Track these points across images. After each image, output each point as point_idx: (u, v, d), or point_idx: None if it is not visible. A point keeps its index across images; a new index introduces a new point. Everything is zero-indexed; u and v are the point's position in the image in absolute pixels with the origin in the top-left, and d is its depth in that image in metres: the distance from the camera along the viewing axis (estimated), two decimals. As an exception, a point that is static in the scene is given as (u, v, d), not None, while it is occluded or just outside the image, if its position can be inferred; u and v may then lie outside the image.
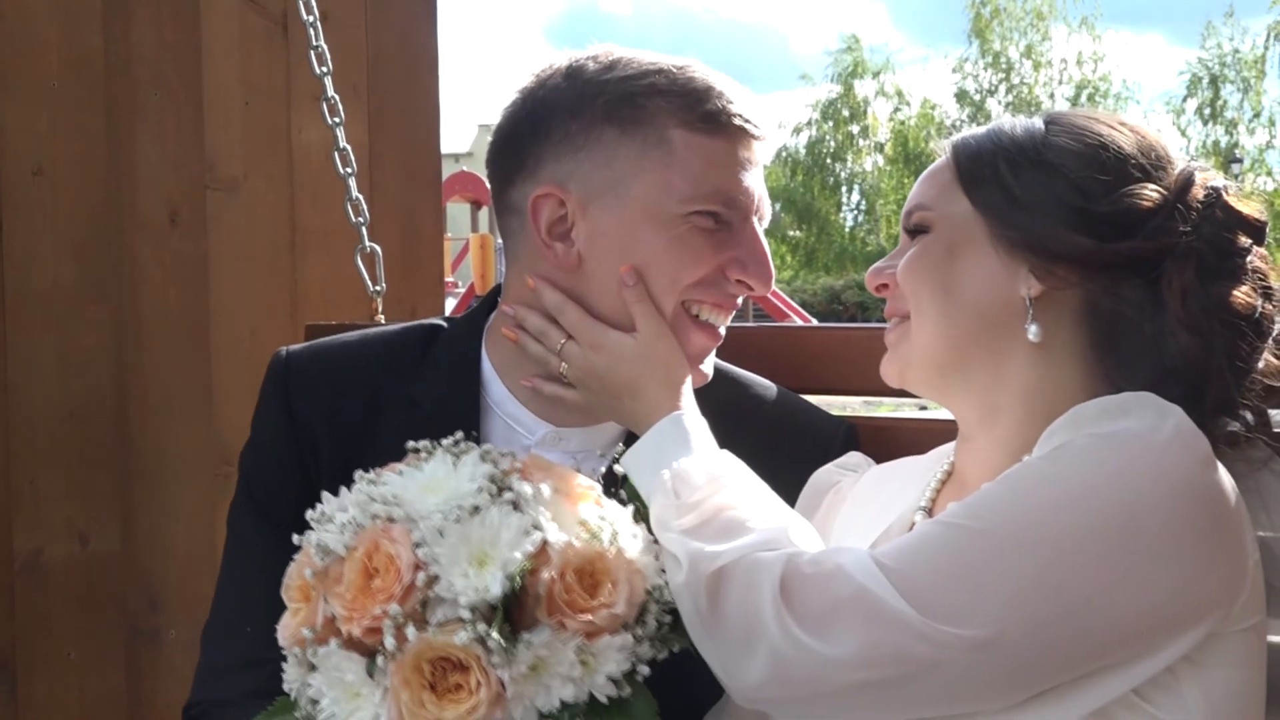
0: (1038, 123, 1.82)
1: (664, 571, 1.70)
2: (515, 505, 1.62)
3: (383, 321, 2.99)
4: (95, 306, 3.13)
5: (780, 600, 1.58)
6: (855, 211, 50.84)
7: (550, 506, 1.63)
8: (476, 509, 1.60)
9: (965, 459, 1.89)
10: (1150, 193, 1.74)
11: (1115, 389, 1.72)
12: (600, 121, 1.96)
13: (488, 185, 2.14)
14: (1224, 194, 1.78)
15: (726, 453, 1.82)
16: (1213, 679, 1.61)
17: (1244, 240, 1.78)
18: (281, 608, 1.72)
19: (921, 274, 1.82)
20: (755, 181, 2.00)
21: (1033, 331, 1.75)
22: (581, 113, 1.96)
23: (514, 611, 1.57)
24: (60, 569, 3.10)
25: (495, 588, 1.55)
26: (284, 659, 1.68)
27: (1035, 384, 1.78)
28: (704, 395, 2.01)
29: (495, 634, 1.53)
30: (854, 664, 1.55)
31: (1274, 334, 1.78)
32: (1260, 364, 1.77)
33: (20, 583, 3.08)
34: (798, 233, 50.22)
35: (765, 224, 2.04)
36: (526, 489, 1.63)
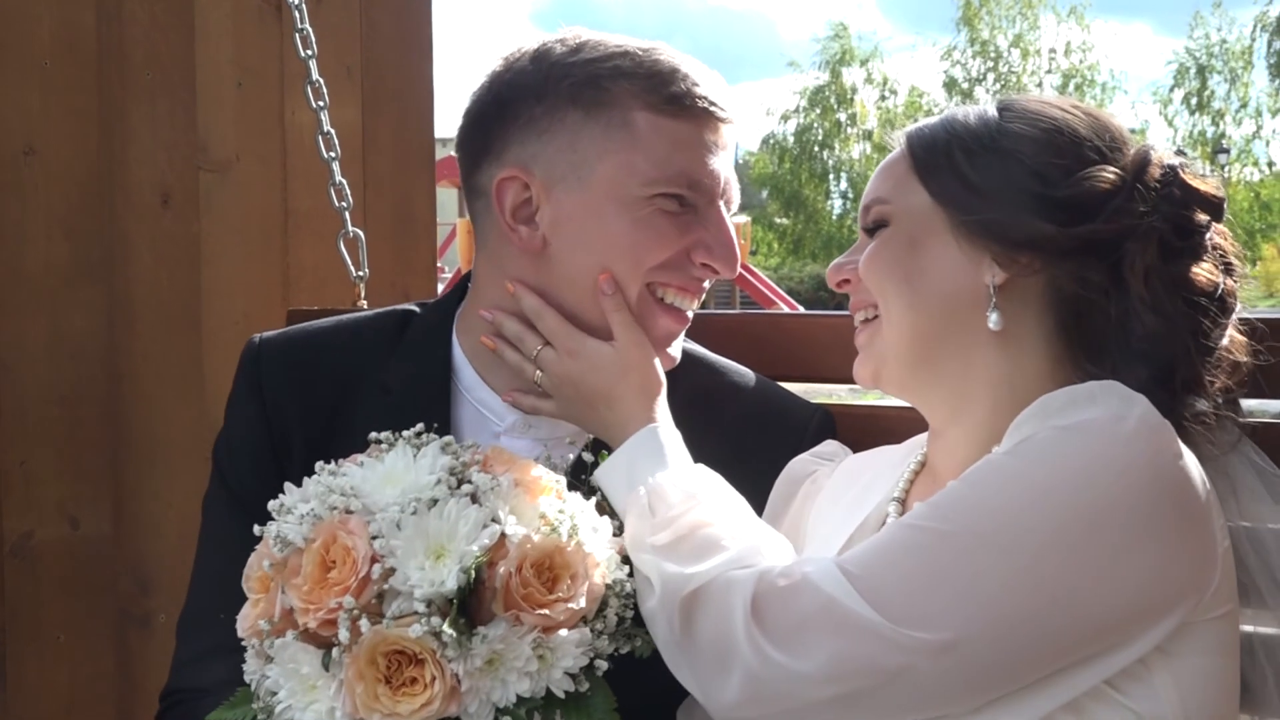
0: (991, 109, 1.82)
1: (625, 564, 1.70)
2: (474, 498, 1.61)
3: (365, 306, 2.97)
4: (86, 288, 3.11)
5: (751, 619, 1.58)
6: (843, 199, 50.89)
7: (509, 499, 1.62)
8: (435, 501, 1.59)
9: (937, 452, 1.88)
10: (1108, 174, 1.73)
11: (1083, 374, 1.71)
12: (565, 104, 1.95)
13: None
14: (1180, 172, 1.76)
15: (702, 467, 1.82)
16: (1184, 667, 1.60)
17: (1202, 217, 1.77)
18: None
19: (885, 268, 1.80)
20: (721, 164, 1.99)
21: (994, 320, 1.74)
22: (546, 95, 1.96)
23: (471, 605, 1.57)
24: (50, 552, 3.09)
25: (450, 581, 1.54)
26: None
27: (1004, 373, 1.77)
28: (680, 381, 2.00)
29: (449, 628, 1.52)
30: (825, 678, 1.55)
31: (1236, 309, 1.78)
32: (1224, 340, 1.76)
33: (10, 565, 3.06)
34: (785, 220, 50.29)
35: (733, 208, 2.03)
36: (485, 481, 1.62)
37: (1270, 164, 48.50)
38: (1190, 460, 1.62)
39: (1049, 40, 49.41)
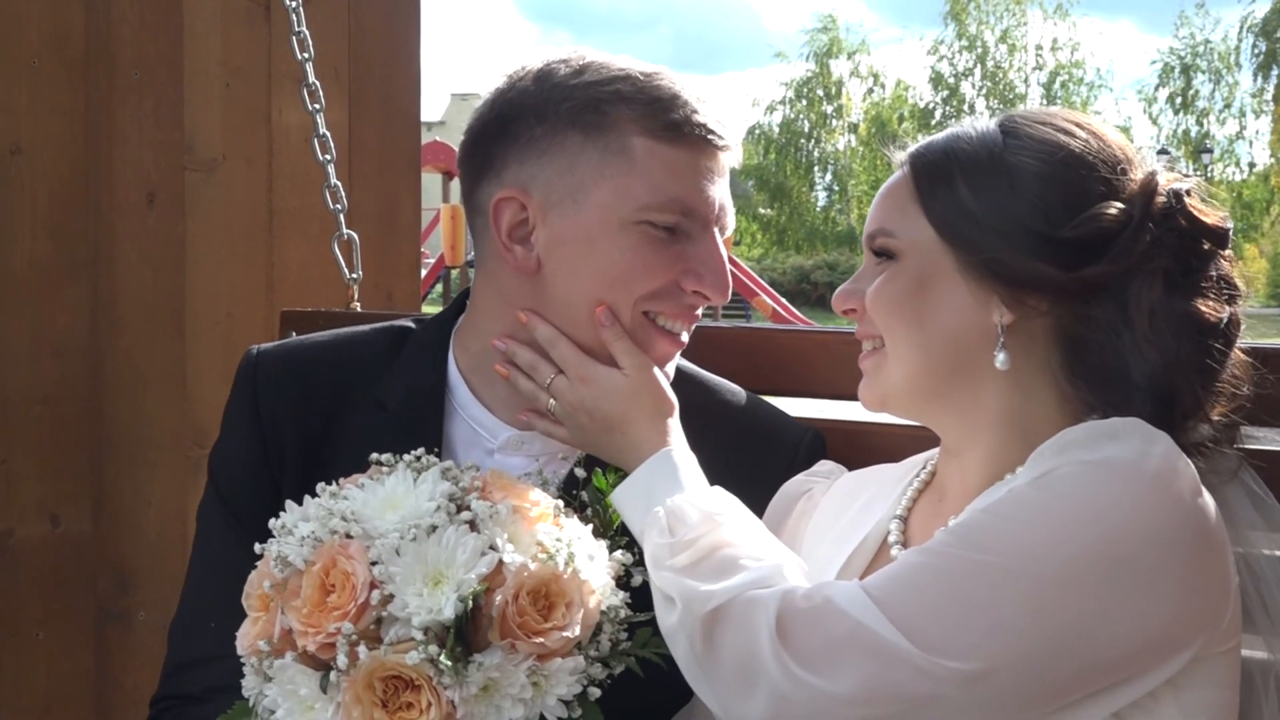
0: (995, 133, 1.80)
1: (620, 591, 1.71)
2: (472, 525, 1.63)
3: (358, 308, 2.98)
4: (71, 286, 3.12)
5: (777, 638, 1.58)
6: (827, 191, 50.93)
7: (507, 526, 1.64)
8: (434, 528, 1.61)
9: (949, 472, 1.88)
10: (1113, 212, 1.72)
11: (1089, 409, 1.73)
12: (565, 127, 1.96)
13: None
14: (1186, 201, 1.76)
15: (719, 489, 1.82)
16: (1190, 700, 1.63)
17: (1207, 246, 1.77)
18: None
19: (893, 306, 1.80)
20: (717, 191, 2.00)
21: (1000, 360, 1.74)
22: (547, 117, 1.96)
23: (468, 631, 1.58)
24: (31, 549, 3.10)
25: (448, 609, 1.56)
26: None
27: (1014, 408, 1.78)
28: None
29: (446, 657, 1.54)
30: (856, 700, 1.56)
31: (1239, 337, 1.78)
32: (1226, 371, 1.77)
33: (-10, 562, 3.07)
34: (769, 211, 50.31)
35: (727, 232, 2.03)
36: (483, 509, 1.63)
37: (1253, 164, 48.74)
38: (1208, 497, 1.65)
39: (1035, 36, 49.49)
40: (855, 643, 1.56)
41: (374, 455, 1.76)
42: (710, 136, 1.98)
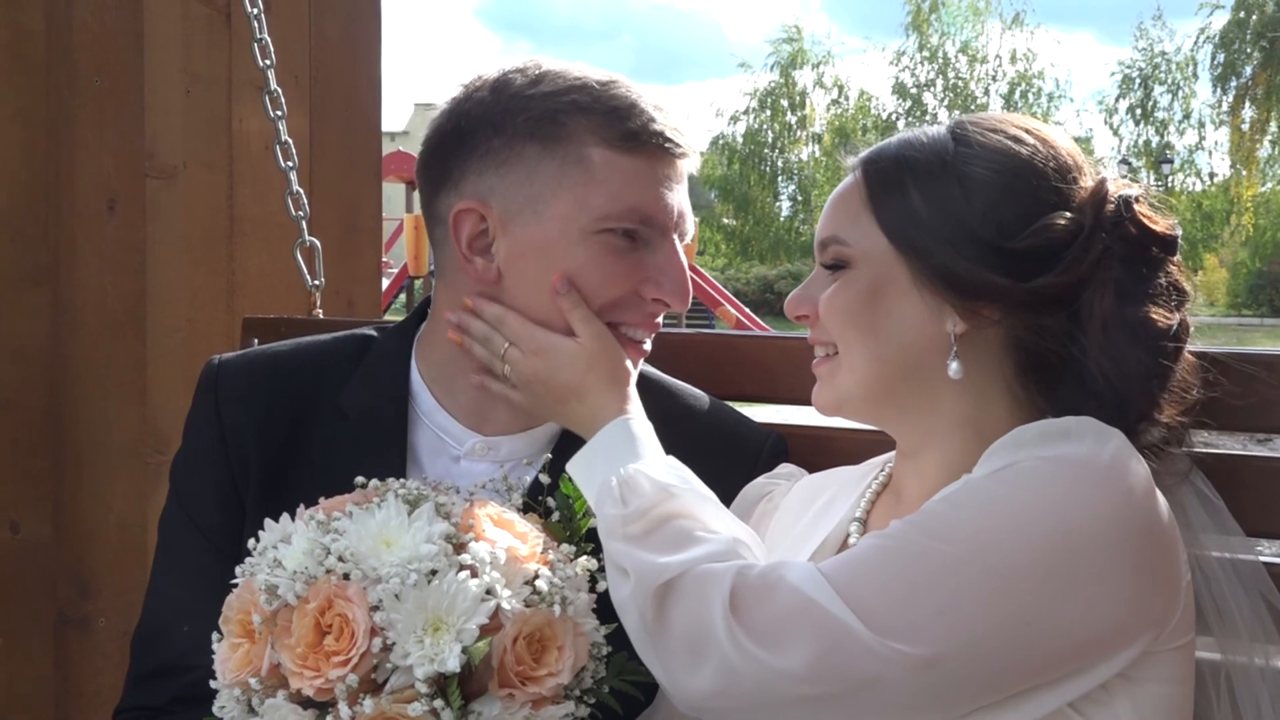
0: (947, 138, 1.81)
1: (601, 627, 1.72)
2: (466, 566, 1.62)
3: (320, 315, 2.99)
4: (31, 292, 3.12)
5: (730, 612, 1.59)
6: (791, 201, 51.03)
7: (502, 570, 1.63)
8: (433, 572, 1.59)
9: (905, 474, 1.90)
10: (1062, 222, 1.74)
11: (1042, 414, 1.75)
12: (522, 138, 1.96)
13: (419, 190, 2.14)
14: (1136, 209, 1.78)
15: (674, 459, 1.84)
16: (1144, 694, 1.66)
17: (1156, 253, 1.79)
18: (208, 617, 1.72)
19: (847, 315, 1.81)
20: (676, 198, 2.00)
21: (954, 369, 1.76)
22: (504, 128, 1.97)
23: (466, 678, 1.59)
24: (-10, 555, 3.08)
25: (451, 661, 1.55)
26: (210, 665, 1.69)
27: (968, 414, 1.80)
28: None
29: (450, 711, 1.55)
30: (803, 677, 1.57)
31: (1188, 342, 1.80)
32: (1175, 376, 1.79)
33: (-51, 569, 3.06)
34: (733, 221, 50.36)
35: (687, 239, 2.04)
36: (484, 552, 1.62)
37: (1212, 175, 49.11)
38: (1160, 497, 1.68)
39: (995, 48, 49.76)
40: (806, 619, 1.58)
41: (359, 479, 1.76)
42: (668, 145, 1.98)
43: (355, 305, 3.31)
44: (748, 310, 25.01)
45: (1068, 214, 1.75)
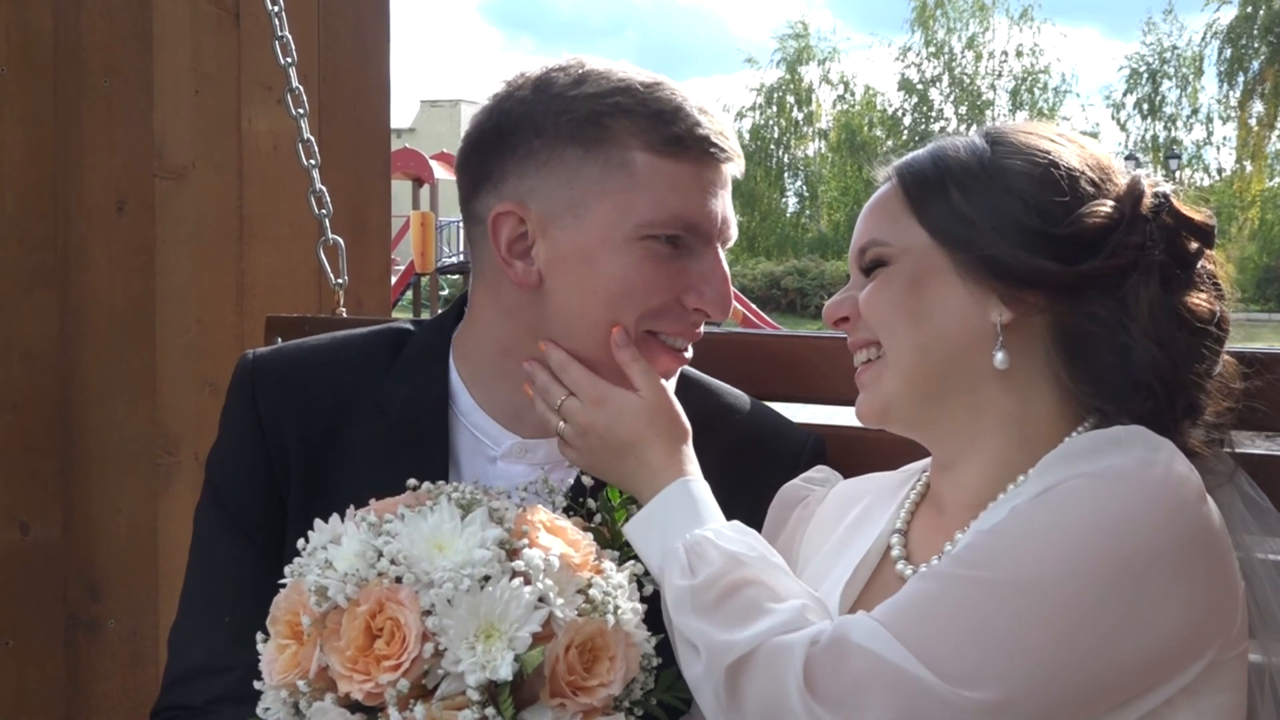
0: (981, 141, 1.80)
1: (653, 636, 1.69)
2: (526, 578, 1.60)
3: (344, 314, 2.98)
4: (40, 293, 3.11)
5: (805, 686, 1.57)
6: (798, 198, 51.03)
7: (555, 577, 1.61)
8: (487, 578, 1.57)
9: (945, 486, 1.86)
10: (1106, 208, 1.73)
11: (1088, 408, 1.74)
12: (564, 140, 1.91)
13: (430, 166, 2.10)
14: (1172, 201, 1.78)
15: (738, 523, 1.80)
16: (1205, 706, 1.63)
17: (1194, 245, 1.78)
18: (248, 613, 1.71)
19: (888, 307, 1.79)
20: (720, 204, 1.96)
21: (999, 359, 1.74)
22: (545, 130, 1.92)
23: (516, 686, 1.57)
24: (0, 557, 3.08)
25: (504, 669, 1.53)
26: (250, 664, 1.67)
27: (1012, 409, 1.77)
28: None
29: (500, 718, 1.53)
30: None
31: (1229, 334, 1.79)
32: (1219, 367, 1.78)
33: (-41, 571, 3.06)
34: (739, 217, 50.27)
35: (729, 244, 2.00)
36: (537, 559, 1.60)
37: (1220, 170, 49.07)
38: (1212, 503, 1.65)
39: (1001, 42, 49.73)
40: (878, 680, 1.55)
41: (410, 480, 1.74)
42: (713, 149, 1.94)
43: (364, 304, 3.31)
44: (754, 306, 25.03)
45: (1110, 202, 1.75)
